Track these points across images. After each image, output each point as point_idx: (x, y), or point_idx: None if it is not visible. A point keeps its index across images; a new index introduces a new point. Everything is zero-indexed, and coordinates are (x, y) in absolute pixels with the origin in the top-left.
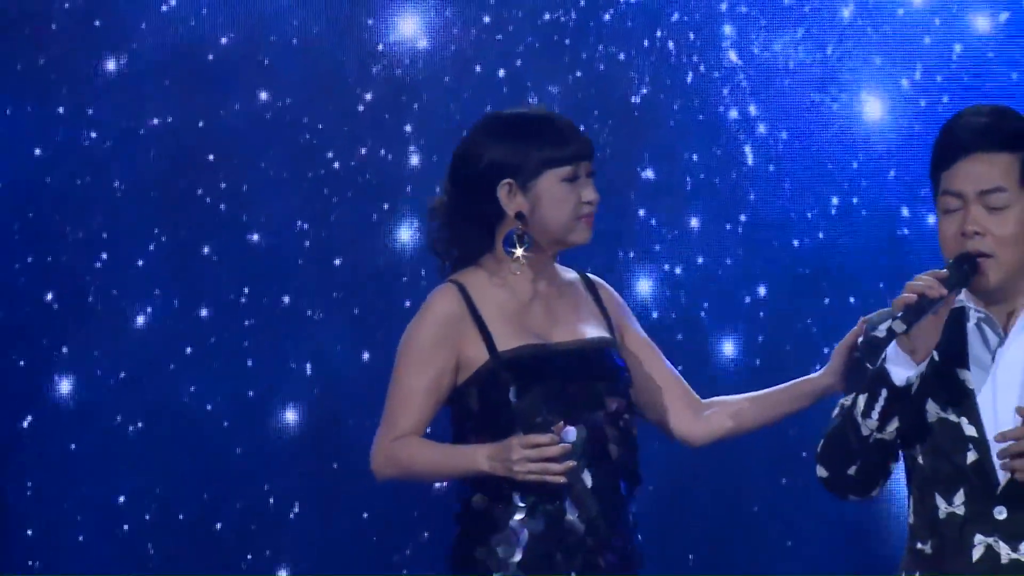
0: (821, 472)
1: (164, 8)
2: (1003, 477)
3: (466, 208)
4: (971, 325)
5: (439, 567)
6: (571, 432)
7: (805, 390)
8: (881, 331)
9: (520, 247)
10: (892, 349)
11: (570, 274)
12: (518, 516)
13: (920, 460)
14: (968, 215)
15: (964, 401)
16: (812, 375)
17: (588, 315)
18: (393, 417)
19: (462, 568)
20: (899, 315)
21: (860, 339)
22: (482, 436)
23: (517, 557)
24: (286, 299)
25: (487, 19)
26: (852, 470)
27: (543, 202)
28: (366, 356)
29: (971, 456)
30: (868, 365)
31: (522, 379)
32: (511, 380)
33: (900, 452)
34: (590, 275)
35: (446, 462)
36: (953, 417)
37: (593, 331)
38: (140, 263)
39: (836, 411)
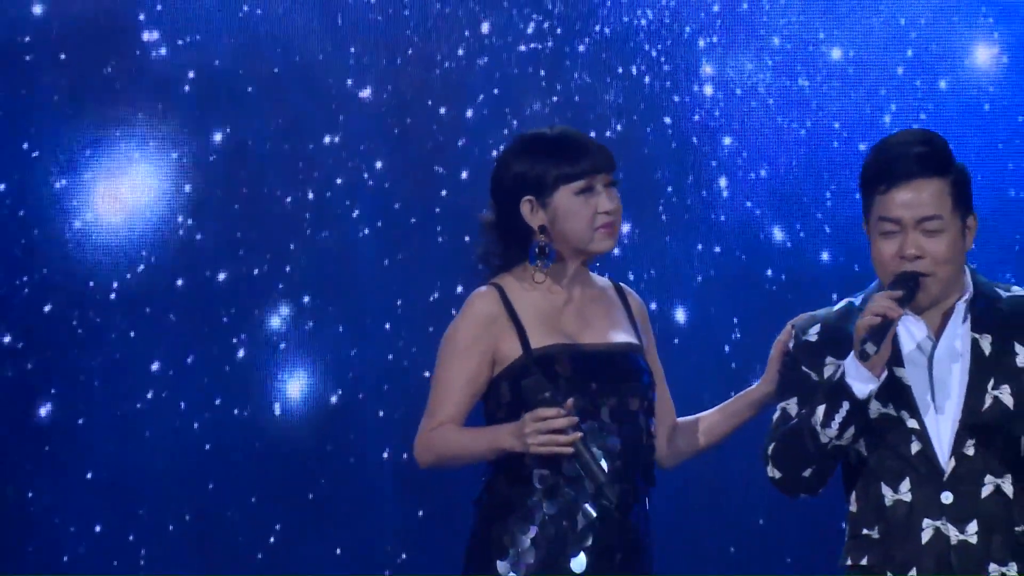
0: (774, 473)
1: (144, 38)
2: (948, 465)
3: (501, 223)
4: (901, 328)
5: None
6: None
7: (750, 399)
8: (812, 335)
9: (542, 259)
10: (852, 365)
11: (603, 281)
12: (535, 497)
13: (865, 453)
14: (907, 240)
15: (902, 396)
16: (753, 386)
17: (618, 321)
18: (433, 408)
19: (479, 547)
20: (867, 338)
21: (791, 344)
22: None
23: (531, 534)
24: (265, 327)
25: (461, 52)
26: (807, 473)
27: (560, 216)
28: (336, 396)
29: (915, 447)
30: (804, 368)
31: (550, 374)
32: (540, 375)
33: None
34: (622, 284)
35: (474, 443)
36: (893, 412)
37: (621, 336)
38: (112, 296)
39: (777, 415)
